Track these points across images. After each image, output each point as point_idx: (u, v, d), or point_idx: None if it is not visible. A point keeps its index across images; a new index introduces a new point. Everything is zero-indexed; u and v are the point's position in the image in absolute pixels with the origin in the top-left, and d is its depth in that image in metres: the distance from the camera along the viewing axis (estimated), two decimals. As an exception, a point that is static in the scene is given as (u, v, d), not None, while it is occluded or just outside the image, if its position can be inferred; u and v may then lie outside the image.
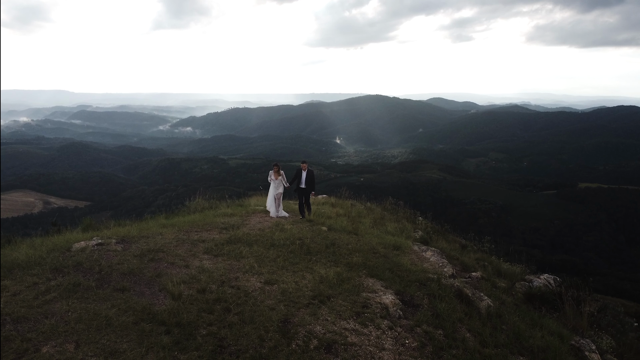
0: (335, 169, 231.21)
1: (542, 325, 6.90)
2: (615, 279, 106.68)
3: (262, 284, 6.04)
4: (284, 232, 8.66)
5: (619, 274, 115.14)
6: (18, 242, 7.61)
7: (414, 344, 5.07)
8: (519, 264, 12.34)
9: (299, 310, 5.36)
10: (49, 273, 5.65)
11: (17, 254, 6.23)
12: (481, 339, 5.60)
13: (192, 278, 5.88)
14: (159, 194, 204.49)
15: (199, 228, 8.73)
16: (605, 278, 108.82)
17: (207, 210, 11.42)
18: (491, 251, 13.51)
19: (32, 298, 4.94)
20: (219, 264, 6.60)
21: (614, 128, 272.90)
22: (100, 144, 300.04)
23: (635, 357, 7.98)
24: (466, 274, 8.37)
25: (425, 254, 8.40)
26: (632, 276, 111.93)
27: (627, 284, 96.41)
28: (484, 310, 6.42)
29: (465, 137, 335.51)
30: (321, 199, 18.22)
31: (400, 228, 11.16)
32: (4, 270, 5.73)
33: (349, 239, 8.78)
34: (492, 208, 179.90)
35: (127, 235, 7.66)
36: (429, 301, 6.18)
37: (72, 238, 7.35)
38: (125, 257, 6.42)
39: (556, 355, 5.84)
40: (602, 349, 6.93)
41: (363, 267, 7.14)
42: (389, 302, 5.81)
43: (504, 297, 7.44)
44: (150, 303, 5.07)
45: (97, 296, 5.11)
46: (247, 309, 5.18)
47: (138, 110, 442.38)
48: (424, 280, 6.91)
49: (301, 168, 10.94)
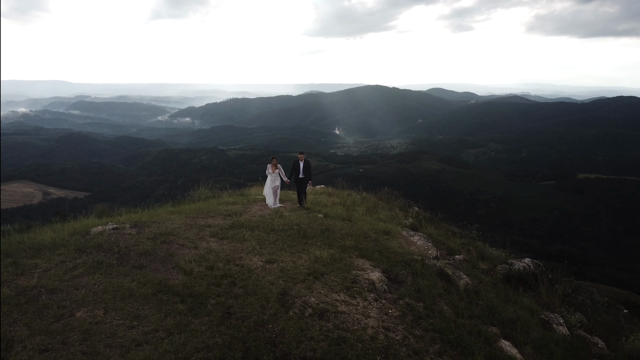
0: (334, 160, 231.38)
1: (516, 302, 7.64)
2: (612, 268, 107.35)
3: (263, 262, 6.75)
4: (283, 219, 9.37)
5: (617, 264, 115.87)
6: (39, 227, 8.31)
7: (396, 313, 5.79)
8: (505, 249, 13.12)
9: (295, 284, 6.08)
10: (73, 253, 6.35)
11: (42, 237, 6.93)
12: (457, 311, 6.33)
13: (201, 257, 6.59)
14: (159, 185, 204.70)
15: (204, 215, 9.44)
16: (603, 268, 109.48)
17: (210, 199, 12.11)
18: (478, 237, 14.28)
19: (62, 273, 5.65)
20: (224, 246, 7.31)
21: (613, 119, 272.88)
22: (99, 135, 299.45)
23: (604, 332, 8.74)
24: (450, 257, 9.10)
25: (412, 238, 9.11)
26: (629, 266, 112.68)
27: (624, 273, 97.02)
28: (462, 287, 7.15)
29: (464, 128, 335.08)
30: (319, 188, 18.92)
31: (392, 216, 11.86)
32: (31, 250, 6.43)
33: (343, 225, 9.50)
34: (491, 198, 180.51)
35: (140, 220, 8.36)
36: (412, 278, 6.91)
37: (89, 223, 8.04)
38: (140, 240, 7.13)
39: (524, 326, 6.57)
40: (570, 323, 7.66)
41: (354, 249, 7.86)
42: (376, 278, 6.53)
43: (482, 277, 8.18)
44: (166, 278, 5.78)
45: (119, 272, 5.82)
46: (250, 283, 5.90)
47: (137, 101, 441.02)
48: (409, 260, 7.64)
49: (298, 159, 11.53)
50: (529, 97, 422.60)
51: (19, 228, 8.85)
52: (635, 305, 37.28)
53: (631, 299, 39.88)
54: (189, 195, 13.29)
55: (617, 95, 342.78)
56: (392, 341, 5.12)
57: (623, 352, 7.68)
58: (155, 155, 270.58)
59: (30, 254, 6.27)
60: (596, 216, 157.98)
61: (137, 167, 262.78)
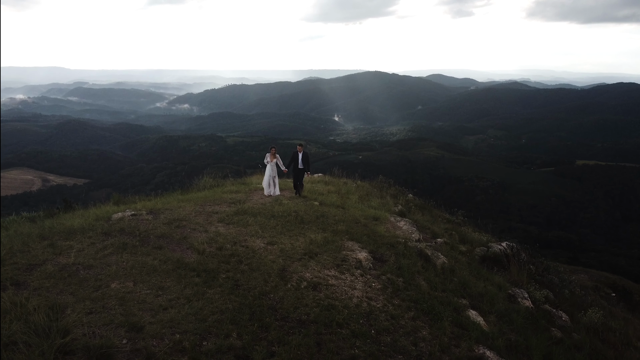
0: (333, 147, 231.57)
1: (487, 279, 8.67)
2: (610, 255, 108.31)
3: (265, 244, 7.74)
4: (282, 206, 10.34)
5: (614, 250, 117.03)
6: (63, 214, 9.27)
7: (379, 286, 6.80)
8: (488, 234, 14.16)
9: (293, 262, 7.07)
10: (101, 236, 7.33)
11: (71, 222, 7.90)
12: (432, 285, 7.34)
13: (211, 240, 7.57)
14: (158, 172, 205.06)
15: (211, 202, 10.40)
16: (600, 254, 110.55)
17: (215, 188, 13.06)
18: (463, 223, 15.32)
19: (94, 253, 6.62)
20: (230, 230, 8.29)
21: (613, 105, 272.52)
22: (97, 122, 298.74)
23: (568, 307, 9.81)
24: (433, 240, 10.10)
25: (399, 223, 10.10)
26: (627, 252, 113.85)
27: (622, 259, 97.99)
28: (439, 266, 8.16)
29: (464, 114, 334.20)
30: (317, 177, 19.84)
31: (382, 203, 12.84)
32: (64, 234, 7.40)
33: (336, 211, 10.47)
34: (490, 185, 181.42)
35: (154, 207, 9.32)
36: (395, 258, 7.91)
37: (109, 210, 9.01)
38: (157, 225, 8.10)
39: (491, 299, 7.60)
40: (535, 298, 8.70)
41: (346, 233, 8.85)
42: (363, 257, 7.52)
43: (459, 257, 9.19)
44: (182, 257, 6.76)
45: (142, 252, 6.80)
46: (254, 261, 6.89)
47: (135, 87, 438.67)
48: (393, 243, 8.63)
49: (297, 150, 12.42)
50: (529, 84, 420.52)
51: (44, 215, 9.83)
52: (623, 289, 38.78)
53: (619, 283, 41.27)
54: (195, 184, 14.23)
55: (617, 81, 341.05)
56: (373, 308, 6.13)
57: (581, 324, 8.76)
58: (154, 142, 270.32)
59: (63, 236, 7.24)
60: (594, 203, 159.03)
61: (136, 153, 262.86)
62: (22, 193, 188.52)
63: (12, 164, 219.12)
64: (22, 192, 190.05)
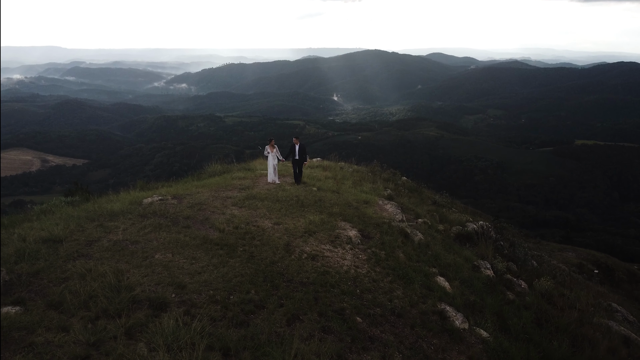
0: (332, 127, 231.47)
1: (457, 252, 10.36)
2: (607, 234, 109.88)
3: (272, 224, 9.37)
4: (285, 192, 11.95)
5: (611, 229, 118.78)
6: (99, 198, 10.87)
7: (364, 257, 8.47)
8: (468, 214, 15.83)
9: (295, 239, 8.72)
10: (138, 217, 8.95)
11: (112, 206, 9.51)
12: (409, 257, 9.02)
13: (228, 220, 9.20)
14: (157, 152, 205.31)
15: (223, 188, 12.01)
16: (597, 234, 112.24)
17: (224, 175, 14.63)
18: (449, 204, 16.99)
19: (136, 231, 8.26)
20: (243, 212, 9.92)
21: (613, 85, 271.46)
22: (95, 101, 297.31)
23: (528, 277, 11.55)
24: (415, 220, 11.75)
25: (386, 206, 11.73)
26: (623, 232, 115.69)
27: (618, 239, 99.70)
28: (416, 242, 9.83)
29: (464, 94, 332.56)
30: (315, 162, 21.37)
31: (373, 188, 14.43)
32: (108, 216, 9.01)
33: (332, 196, 12.09)
34: (489, 165, 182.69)
35: (177, 193, 10.93)
36: (380, 235, 9.56)
37: (139, 195, 10.61)
38: (182, 208, 9.72)
39: (457, 268, 9.30)
40: (497, 268, 10.40)
41: (339, 215, 10.48)
42: (353, 235, 9.17)
43: (435, 235, 10.86)
44: (207, 234, 8.40)
45: (174, 230, 8.43)
46: (264, 238, 8.54)
47: (132, 67, 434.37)
48: (379, 223, 10.28)
49: (294, 143, 13.84)
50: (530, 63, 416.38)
51: (80, 199, 11.43)
52: (606, 266, 41.10)
53: (603, 261, 43.45)
54: (205, 170, 15.80)
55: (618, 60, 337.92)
56: (359, 274, 7.81)
57: (536, 290, 10.51)
58: (152, 122, 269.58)
59: (108, 218, 8.86)
60: (592, 182, 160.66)
61: (134, 134, 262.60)
62: (22, 174, 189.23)
63: (11, 145, 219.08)
64: (21, 173, 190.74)
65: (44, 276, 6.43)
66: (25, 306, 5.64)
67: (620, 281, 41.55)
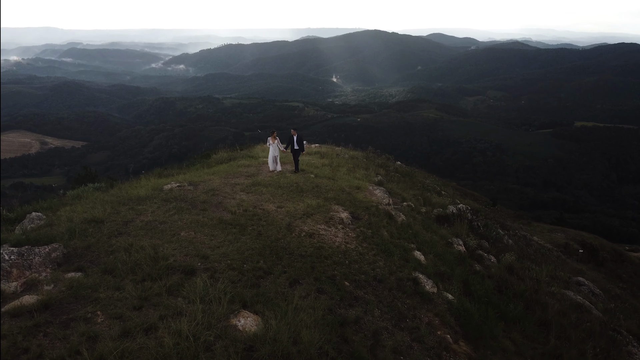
0: (332, 109, 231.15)
1: (435, 231, 12.01)
2: (604, 215, 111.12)
3: (275, 207, 10.98)
4: (286, 179, 13.52)
5: (609, 211, 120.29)
6: (122, 184, 12.44)
7: (354, 235, 10.11)
8: (457, 197, 17.45)
9: (295, 220, 10.33)
10: (162, 202, 10.55)
11: (137, 192, 11.08)
12: (392, 234, 10.66)
13: (238, 204, 10.80)
14: (155, 134, 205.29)
15: (231, 175, 13.58)
16: (594, 215, 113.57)
17: (230, 162, 16.18)
18: (437, 188, 18.58)
19: (163, 213, 9.86)
20: (250, 197, 11.51)
21: (613, 66, 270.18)
22: (93, 83, 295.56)
23: (497, 253, 13.23)
24: (400, 204, 13.37)
25: (375, 191, 13.32)
26: (621, 213, 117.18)
27: (615, 220, 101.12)
28: (399, 222, 11.45)
29: (464, 75, 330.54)
30: (314, 148, 22.87)
31: (366, 174, 16.00)
32: (136, 201, 10.59)
33: (328, 182, 13.67)
34: (488, 147, 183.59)
35: (192, 180, 12.51)
36: (368, 217, 11.18)
37: (159, 182, 12.19)
38: (198, 193, 11.31)
39: (432, 244, 10.95)
40: (468, 245, 12.07)
41: (334, 199, 12.08)
42: (344, 216, 10.79)
43: (416, 216, 12.50)
44: (221, 216, 10.01)
45: (194, 213, 10.03)
46: (269, 219, 10.15)
47: (130, 47, 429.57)
48: (368, 206, 11.89)
49: (292, 135, 15.25)
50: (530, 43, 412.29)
51: (105, 186, 13.00)
52: (591, 246, 43.23)
53: (589, 242, 45.54)
54: (212, 158, 17.34)
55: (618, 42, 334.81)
56: (348, 248, 9.45)
57: (502, 263, 12.20)
58: (150, 104, 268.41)
59: (136, 202, 10.45)
60: (591, 164, 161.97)
61: (132, 115, 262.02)
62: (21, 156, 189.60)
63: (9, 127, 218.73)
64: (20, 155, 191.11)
65: (94, 249, 8.05)
66: (85, 272, 7.27)
67: (604, 260, 43.74)
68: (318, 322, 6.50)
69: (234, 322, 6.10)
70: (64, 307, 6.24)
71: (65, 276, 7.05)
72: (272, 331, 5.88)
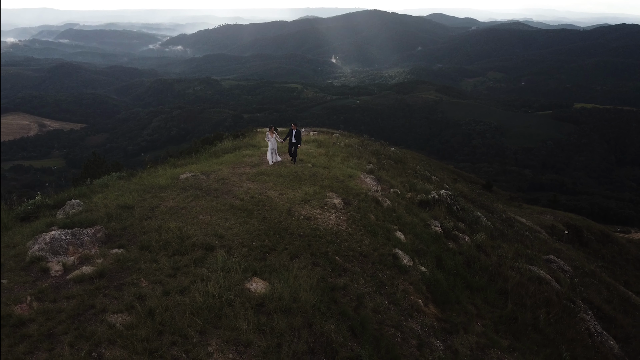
0: (331, 91, 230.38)
1: (416, 214, 13.79)
2: (602, 197, 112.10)
3: (277, 194, 12.72)
4: (287, 169, 15.23)
5: (606, 193, 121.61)
6: (142, 173, 14.15)
7: (345, 218, 11.89)
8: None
9: (295, 205, 12.09)
10: (180, 190, 12.28)
11: (158, 181, 12.80)
12: (377, 218, 12.44)
13: (245, 192, 12.54)
14: (154, 116, 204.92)
15: (238, 165, 15.28)
16: (592, 197, 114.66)
17: (235, 152, 17.84)
18: (428, 174, 20.28)
19: (182, 200, 11.61)
20: (256, 185, 13.25)
21: (614, 47, 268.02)
22: (90, 65, 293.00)
23: (471, 233, 15.03)
24: (388, 190, 15.11)
25: (365, 179, 15.05)
26: (618, 195, 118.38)
27: (613, 202, 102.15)
28: (385, 207, 13.22)
29: (464, 56, 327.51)
30: (312, 135, 24.45)
31: (358, 163, 17.69)
32: (158, 189, 12.31)
33: (323, 171, 15.38)
34: (487, 129, 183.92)
35: (203, 170, 14.22)
36: (358, 202, 12.95)
37: (175, 172, 13.89)
38: (210, 182, 13.04)
39: (412, 226, 12.74)
40: (445, 226, 13.86)
41: (328, 187, 13.81)
42: (337, 202, 12.55)
43: (401, 201, 14.27)
44: (232, 202, 11.76)
45: (208, 199, 11.78)
46: (272, 205, 11.91)
47: (127, 28, 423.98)
48: (358, 193, 13.65)
49: (292, 128, 16.81)
50: (531, 24, 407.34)
51: (127, 175, 14.70)
52: (575, 228, 45.21)
53: (574, 224, 47.46)
54: (219, 147, 18.99)
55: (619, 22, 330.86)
56: (340, 229, 11.24)
57: (474, 242, 14.01)
58: (148, 85, 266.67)
59: (158, 190, 12.18)
60: (590, 146, 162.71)
61: (131, 97, 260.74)
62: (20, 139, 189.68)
63: (8, 109, 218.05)
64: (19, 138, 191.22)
65: (130, 230, 9.82)
66: (126, 249, 9.05)
67: (589, 241, 45.82)
68: (313, 287, 8.32)
69: (247, 286, 7.93)
70: (114, 275, 8.03)
71: (111, 252, 8.83)
72: (277, 292, 7.71)
